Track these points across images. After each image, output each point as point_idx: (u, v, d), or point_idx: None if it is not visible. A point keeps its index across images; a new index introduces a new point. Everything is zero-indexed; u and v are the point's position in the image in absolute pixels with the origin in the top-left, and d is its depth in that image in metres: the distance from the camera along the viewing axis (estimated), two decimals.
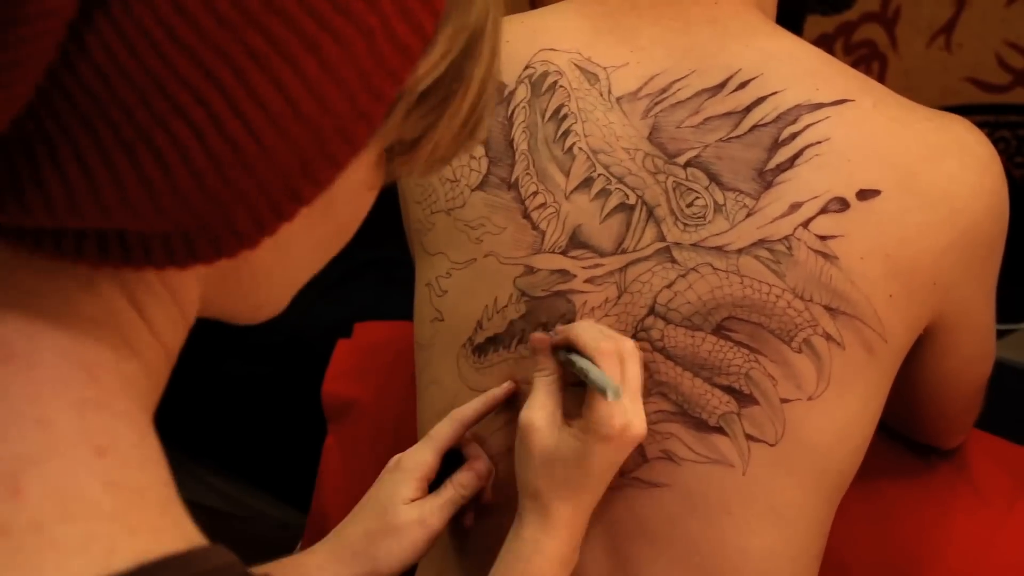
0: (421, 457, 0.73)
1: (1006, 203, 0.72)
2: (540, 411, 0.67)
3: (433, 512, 0.71)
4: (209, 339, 1.81)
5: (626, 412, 0.65)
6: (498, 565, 0.67)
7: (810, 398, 0.68)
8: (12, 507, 0.32)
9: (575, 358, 0.67)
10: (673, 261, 0.69)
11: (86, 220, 0.34)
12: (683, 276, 0.69)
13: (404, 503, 0.71)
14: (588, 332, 0.67)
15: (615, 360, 0.66)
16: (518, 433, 0.68)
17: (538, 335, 0.70)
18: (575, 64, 0.73)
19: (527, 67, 0.74)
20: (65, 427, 0.35)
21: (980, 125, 0.72)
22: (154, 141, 0.32)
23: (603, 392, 0.63)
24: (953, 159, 0.69)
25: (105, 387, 0.37)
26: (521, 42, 0.75)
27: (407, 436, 0.97)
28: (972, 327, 0.76)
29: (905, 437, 0.91)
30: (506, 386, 0.74)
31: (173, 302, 0.40)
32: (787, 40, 0.72)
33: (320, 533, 1.02)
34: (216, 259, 0.36)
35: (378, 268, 1.66)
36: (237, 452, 1.62)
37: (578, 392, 0.68)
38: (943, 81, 2.06)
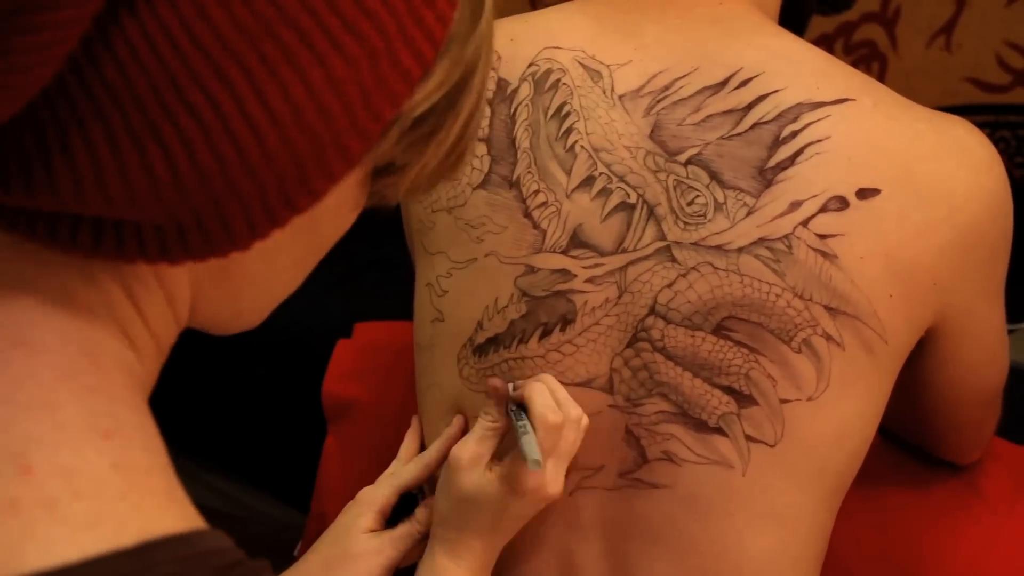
0: (380, 492, 0.77)
1: (1008, 206, 0.71)
2: (468, 452, 0.70)
3: (390, 543, 0.74)
4: (209, 339, 1.80)
5: (544, 473, 0.67)
6: None
7: (810, 399, 0.68)
8: (23, 484, 0.33)
9: (518, 417, 0.69)
10: (673, 260, 0.69)
11: (88, 205, 0.35)
12: (683, 275, 0.68)
13: (362, 533, 0.75)
14: (542, 398, 0.68)
15: (554, 434, 0.67)
16: (445, 464, 0.71)
17: (495, 382, 0.71)
18: (579, 62, 0.72)
19: (531, 65, 0.73)
20: (71, 410, 0.36)
21: (980, 125, 0.72)
22: (162, 134, 0.34)
23: (524, 459, 0.65)
24: (951, 159, 0.69)
25: (106, 374, 0.38)
26: (525, 40, 0.75)
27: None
28: (975, 333, 0.75)
29: (905, 440, 0.91)
30: (457, 423, 0.77)
31: (166, 300, 0.42)
32: (789, 40, 0.72)
33: (320, 533, 1.02)
34: (207, 256, 0.38)
35: (378, 268, 1.66)
36: (237, 452, 1.62)
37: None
38: (943, 81, 2.05)
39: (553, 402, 0.68)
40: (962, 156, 0.69)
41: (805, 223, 0.67)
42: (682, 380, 0.69)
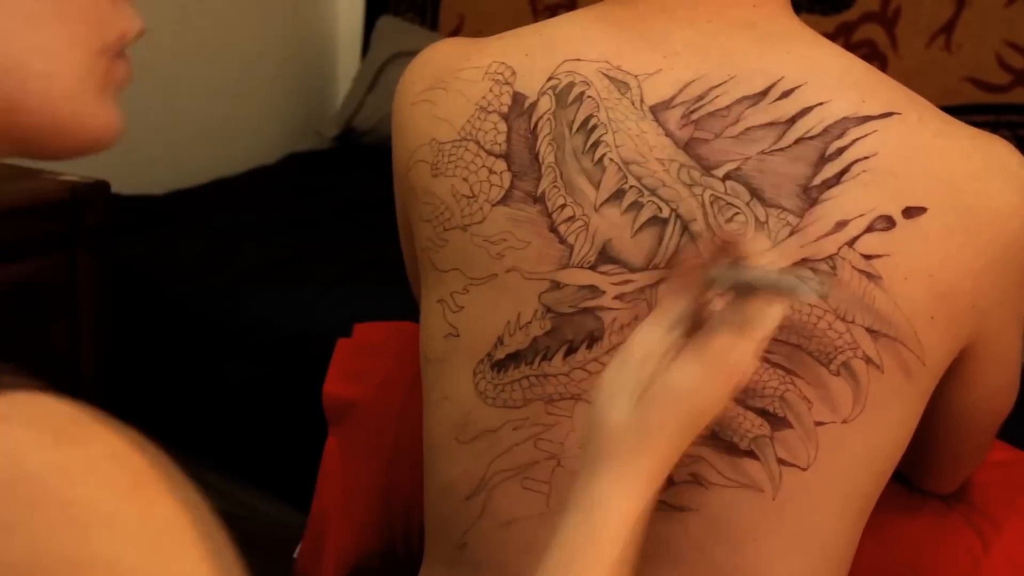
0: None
1: None
2: (662, 341, 0.59)
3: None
4: (209, 339, 1.82)
5: (746, 350, 0.58)
6: (562, 530, 0.59)
7: (844, 421, 0.66)
8: None
9: (739, 271, 0.59)
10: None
11: None
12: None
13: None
14: (756, 245, 0.60)
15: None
16: (619, 361, 0.61)
17: (691, 260, 0.62)
18: (603, 73, 0.70)
19: (550, 78, 0.71)
20: None
21: (980, 125, 0.71)
22: None
23: (793, 291, 0.56)
24: (996, 179, 0.67)
25: None
26: (541, 54, 0.72)
27: (407, 436, 0.97)
28: (1002, 357, 0.73)
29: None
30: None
31: None
32: (829, 48, 0.70)
33: (320, 536, 1.02)
34: None
35: (378, 268, 1.66)
36: (237, 452, 1.62)
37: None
38: (943, 81, 2.06)
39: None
40: (1007, 177, 0.67)
41: (851, 243, 0.65)
42: None
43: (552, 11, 2.36)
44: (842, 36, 2.15)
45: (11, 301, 1.47)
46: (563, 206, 0.69)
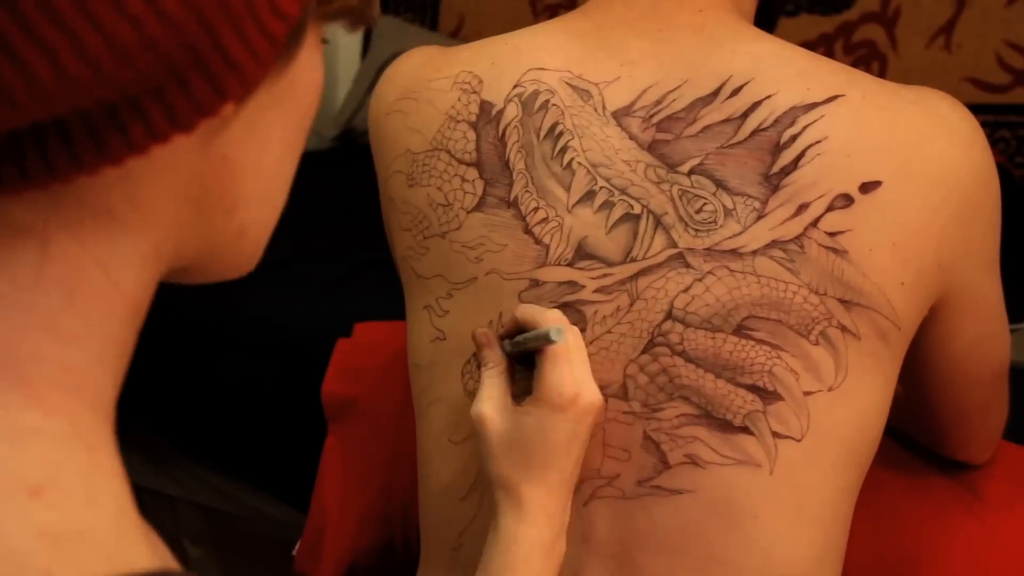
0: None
1: (994, 173, 0.73)
2: (488, 401, 0.69)
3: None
4: (209, 339, 1.81)
5: (576, 381, 0.66)
6: (482, 561, 0.68)
7: (830, 389, 0.69)
8: None
9: (518, 338, 0.69)
10: (687, 266, 0.70)
11: (28, 111, 0.30)
12: (699, 280, 0.69)
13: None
14: (526, 309, 0.69)
15: (561, 321, 0.68)
16: (476, 429, 0.70)
17: (481, 330, 0.71)
18: (566, 82, 0.73)
19: (516, 86, 0.74)
20: None
21: (980, 125, 0.73)
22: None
23: (547, 338, 0.64)
24: (941, 139, 0.70)
25: (45, 402, 0.33)
26: (507, 62, 0.75)
27: (407, 436, 0.97)
28: (976, 305, 0.76)
29: (905, 438, 0.91)
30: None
31: (136, 250, 0.35)
32: (772, 43, 0.73)
33: (319, 533, 1.02)
34: (178, 130, 0.32)
35: (378, 268, 1.66)
36: (237, 452, 1.62)
37: (528, 376, 0.69)
38: (943, 81, 2.06)
39: (539, 307, 0.69)
40: (950, 134, 0.71)
41: (814, 223, 0.69)
42: (704, 382, 0.69)
43: (552, 11, 2.36)
44: (842, 36, 2.15)
45: None
46: (536, 209, 0.73)
